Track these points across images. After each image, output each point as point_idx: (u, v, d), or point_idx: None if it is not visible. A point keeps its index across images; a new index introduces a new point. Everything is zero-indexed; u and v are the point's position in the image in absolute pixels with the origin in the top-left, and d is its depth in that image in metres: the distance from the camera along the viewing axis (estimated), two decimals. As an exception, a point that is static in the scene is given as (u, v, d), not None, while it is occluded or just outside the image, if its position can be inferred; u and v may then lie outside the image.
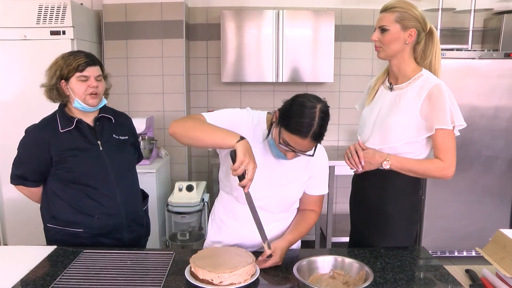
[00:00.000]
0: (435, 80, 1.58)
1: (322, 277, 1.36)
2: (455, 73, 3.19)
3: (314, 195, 1.64)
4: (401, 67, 1.64)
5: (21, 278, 1.37)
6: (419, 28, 1.59)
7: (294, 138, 1.36)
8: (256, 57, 3.43)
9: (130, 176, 1.86)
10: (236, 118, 1.53)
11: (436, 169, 1.60)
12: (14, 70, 3.01)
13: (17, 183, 1.76)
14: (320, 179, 1.63)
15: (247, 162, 1.29)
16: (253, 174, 1.31)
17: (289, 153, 1.43)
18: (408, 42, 1.60)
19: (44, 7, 2.97)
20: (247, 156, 1.30)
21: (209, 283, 1.29)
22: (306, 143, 1.37)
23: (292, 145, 1.38)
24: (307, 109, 1.36)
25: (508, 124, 3.27)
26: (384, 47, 1.62)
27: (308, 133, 1.35)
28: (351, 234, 1.88)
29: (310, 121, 1.34)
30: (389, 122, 1.63)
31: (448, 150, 1.57)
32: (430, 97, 1.55)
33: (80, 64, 1.66)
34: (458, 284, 1.36)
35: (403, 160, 1.60)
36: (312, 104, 1.37)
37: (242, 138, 1.33)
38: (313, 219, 1.65)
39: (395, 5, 1.58)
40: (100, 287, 1.30)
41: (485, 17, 3.71)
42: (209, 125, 1.42)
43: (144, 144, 3.17)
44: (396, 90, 1.66)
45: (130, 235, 1.80)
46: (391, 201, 1.67)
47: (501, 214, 3.38)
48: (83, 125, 1.72)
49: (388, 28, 1.59)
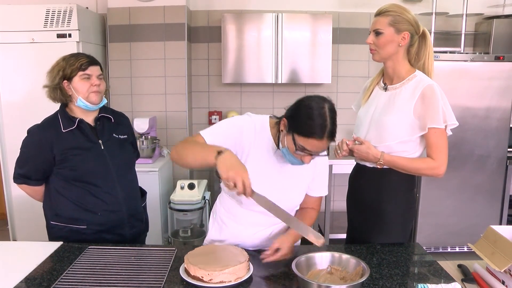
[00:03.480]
0: (428, 81, 1.61)
1: (320, 273, 1.36)
2: (448, 75, 3.23)
3: (314, 196, 1.64)
4: (396, 69, 1.67)
5: (29, 272, 1.39)
6: (412, 31, 1.62)
7: (311, 141, 1.35)
8: (256, 59, 3.46)
9: (130, 174, 1.89)
10: (234, 130, 1.49)
11: (428, 168, 1.62)
12: (22, 72, 3.05)
13: (20, 182, 1.78)
14: (321, 181, 1.63)
15: (233, 176, 1.24)
16: (242, 184, 1.24)
17: (306, 158, 1.41)
18: (401, 45, 1.62)
19: (51, 11, 3.03)
20: (230, 171, 1.24)
21: (200, 280, 1.28)
22: (323, 144, 1.36)
23: (309, 149, 1.36)
24: (316, 110, 1.34)
25: (499, 124, 3.30)
26: (378, 49, 1.65)
27: (324, 133, 1.34)
28: (348, 231, 1.89)
29: (323, 122, 1.33)
30: (384, 122, 1.65)
31: (440, 148, 1.60)
32: (423, 97, 1.57)
33: (83, 63, 1.69)
34: (451, 278, 1.37)
35: (396, 158, 1.62)
36: (319, 105, 1.36)
37: (220, 153, 1.27)
38: (314, 216, 1.65)
39: (389, 9, 1.61)
40: (105, 282, 1.31)
41: (477, 21, 3.76)
42: (193, 146, 1.40)
43: (146, 143, 3.20)
44: (390, 90, 1.68)
45: (131, 230, 1.82)
46: (387, 199, 1.69)
47: (492, 211, 3.42)
48: (84, 125, 1.74)
49: (382, 32, 1.61)
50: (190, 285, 1.30)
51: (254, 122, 1.52)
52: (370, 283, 1.33)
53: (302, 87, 3.81)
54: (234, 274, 1.30)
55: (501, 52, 3.38)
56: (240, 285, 1.31)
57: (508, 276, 1.31)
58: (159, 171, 3.14)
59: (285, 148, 1.43)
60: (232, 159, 1.28)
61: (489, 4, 3.72)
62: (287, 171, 1.54)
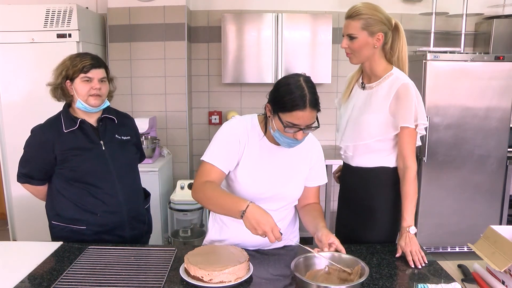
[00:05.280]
0: (404, 79, 1.61)
1: (318, 273, 1.36)
2: (448, 75, 3.23)
3: (315, 186, 1.64)
4: (372, 68, 1.67)
5: (29, 272, 1.39)
6: (385, 30, 1.60)
7: (295, 114, 1.36)
8: (255, 59, 3.47)
9: (132, 175, 1.87)
10: (232, 139, 1.51)
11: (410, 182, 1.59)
12: (23, 71, 3.06)
13: (23, 181, 1.78)
14: (319, 169, 1.64)
15: (262, 232, 1.30)
16: (272, 233, 1.29)
17: (298, 134, 1.41)
18: (376, 46, 1.61)
19: (51, 11, 3.04)
20: (257, 228, 1.30)
21: (200, 280, 1.28)
22: (307, 114, 1.37)
23: (297, 123, 1.38)
24: (293, 84, 1.37)
25: (499, 124, 3.31)
26: (354, 53, 1.64)
27: (305, 102, 1.35)
28: (336, 230, 1.88)
29: (301, 92, 1.36)
30: (361, 120, 1.66)
31: (412, 148, 1.60)
32: (398, 96, 1.58)
33: (85, 66, 1.68)
34: (451, 278, 1.37)
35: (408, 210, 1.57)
36: (294, 79, 1.39)
37: (244, 212, 1.32)
38: (320, 209, 1.65)
39: (360, 12, 1.58)
40: (105, 282, 1.31)
41: (476, 21, 3.77)
42: (214, 200, 1.43)
43: (147, 143, 3.20)
44: (367, 89, 1.69)
45: (132, 232, 1.81)
46: (374, 195, 1.70)
47: (492, 211, 3.42)
48: (86, 126, 1.74)
49: (356, 36, 1.59)
50: (190, 285, 1.29)
51: (244, 123, 1.54)
52: (370, 283, 1.33)
53: (302, 87, 3.81)
54: (234, 274, 1.30)
55: (501, 52, 3.40)
56: (240, 285, 1.31)
57: (508, 276, 1.31)
58: (159, 171, 3.15)
59: (276, 131, 1.44)
60: (256, 214, 1.32)
61: (489, 4, 3.73)
62: (283, 165, 1.55)
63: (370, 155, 1.69)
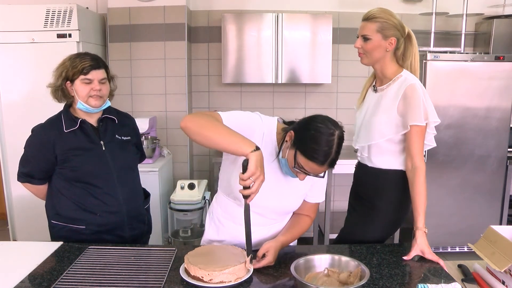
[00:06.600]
0: (412, 80, 1.66)
1: (318, 275, 1.37)
2: (448, 75, 3.24)
3: (311, 202, 1.63)
4: (383, 71, 1.73)
5: (30, 272, 1.40)
6: (398, 36, 1.68)
7: (311, 164, 1.34)
8: (256, 59, 3.47)
9: (132, 175, 1.88)
10: (251, 124, 1.47)
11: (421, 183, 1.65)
12: (23, 71, 3.06)
13: (24, 180, 1.79)
14: (319, 188, 1.62)
15: (257, 176, 1.24)
16: (259, 187, 1.26)
17: (301, 175, 1.40)
18: (388, 50, 1.69)
19: (51, 11, 3.04)
20: (258, 169, 1.24)
21: (200, 280, 1.28)
22: (322, 169, 1.37)
23: (307, 170, 1.36)
24: (325, 136, 1.33)
25: (499, 124, 3.31)
26: (367, 54, 1.71)
27: (326, 161, 1.34)
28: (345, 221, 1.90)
29: (328, 149, 1.32)
30: (373, 121, 1.72)
31: (416, 147, 1.63)
32: (405, 96, 1.63)
33: (85, 67, 1.67)
34: (451, 278, 1.38)
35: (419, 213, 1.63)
36: (329, 131, 1.33)
37: (257, 149, 1.26)
38: (307, 224, 1.64)
39: (376, 15, 1.66)
40: (105, 282, 1.31)
41: (477, 21, 3.77)
42: (225, 127, 1.33)
43: (147, 143, 3.20)
44: (379, 91, 1.76)
45: (132, 232, 1.81)
46: (381, 196, 1.74)
47: (492, 211, 3.42)
48: (86, 126, 1.74)
49: (370, 38, 1.67)
50: (190, 285, 1.30)
51: (263, 128, 1.49)
52: (370, 283, 1.32)
53: (302, 87, 3.82)
54: (234, 274, 1.30)
55: (501, 52, 3.40)
56: (240, 285, 1.31)
57: (508, 276, 1.32)
58: (159, 171, 3.15)
59: (285, 159, 1.42)
60: (263, 161, 1.27)
61: (489, 4, 3.73)
62: (286, 177, 1.53)
63: (384, 157, 1.73)
